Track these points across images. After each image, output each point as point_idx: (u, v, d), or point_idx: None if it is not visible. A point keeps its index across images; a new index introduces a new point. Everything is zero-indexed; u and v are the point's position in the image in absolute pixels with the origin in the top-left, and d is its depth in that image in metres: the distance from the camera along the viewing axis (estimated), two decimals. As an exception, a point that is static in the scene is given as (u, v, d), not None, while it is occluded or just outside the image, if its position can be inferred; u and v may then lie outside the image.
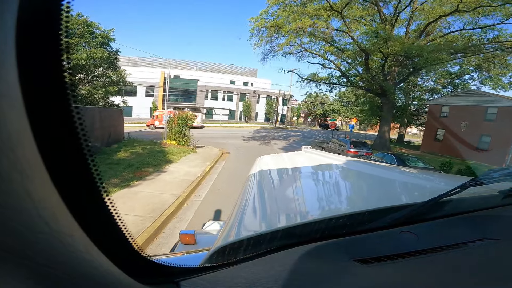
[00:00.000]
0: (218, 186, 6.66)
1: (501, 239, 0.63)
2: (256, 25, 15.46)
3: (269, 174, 1.34)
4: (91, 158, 0.28)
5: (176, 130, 12.17)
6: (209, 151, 11.79)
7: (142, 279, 0.39)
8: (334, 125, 21.83)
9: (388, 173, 1.35)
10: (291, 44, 16.70)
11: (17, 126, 0.22)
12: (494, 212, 0.77)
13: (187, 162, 8.80)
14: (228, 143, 16.19)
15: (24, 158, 0.22)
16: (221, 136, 20.05)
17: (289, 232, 0.64)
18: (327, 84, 19.67)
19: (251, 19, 15.51)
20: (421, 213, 0.69)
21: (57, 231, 0.25)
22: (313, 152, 1.84)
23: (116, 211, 0.33)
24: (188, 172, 7.44)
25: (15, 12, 0.22)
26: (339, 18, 14.80)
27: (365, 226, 0.66)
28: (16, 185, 0.21)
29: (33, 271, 0.24)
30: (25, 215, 0.23)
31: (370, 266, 0.53)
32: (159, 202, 4.96)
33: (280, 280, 0.47)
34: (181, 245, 1.42)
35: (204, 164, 8.61)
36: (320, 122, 46.85)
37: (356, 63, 17.48)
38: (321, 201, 0.96)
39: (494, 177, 0.76)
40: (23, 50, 0.22)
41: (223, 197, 5.74)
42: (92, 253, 0.30)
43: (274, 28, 15.12)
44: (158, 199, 5.11)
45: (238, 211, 0.87)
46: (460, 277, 0.49)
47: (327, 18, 14.55)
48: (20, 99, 0.22)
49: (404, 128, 29.98)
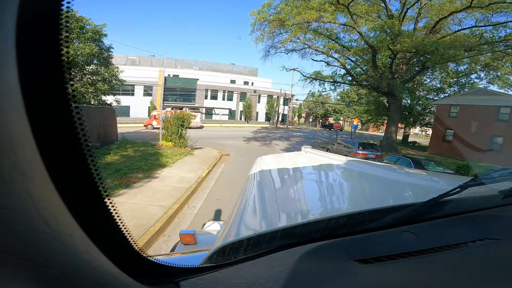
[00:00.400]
0: (216, 195, 5.88)
1: (502, 239, 0.63)
2: (258, 19, 14.66)
3: (269, 174, 1.32)
4: (91, 158, 0.28)
5: (172, 130, 11.40)
6: (207, 153, 11.02)
7: (142, 279, 0.39)
8: (339, 125, 20.99)
9: (388, 173, 1.33)
10: (294, 41, 15.92)
11: (17, 127, 0.22)
12: (494, 212, 0.77)
13: (182, 166, 8.03)
14: (227, 144, 15.45)
15: (24, 159, 0.22)
16: (221, 136, 19.33)
17: (289, 232, 0.63)
18: (330, 82, 18.85)
19: (252, 12, 14.71)
20: (421, 213, 0.68)
21: (58, 231, 0.25)
22: (313, 152, 1.81)
23: (116, 212, 0.33)
24: (182, 178, 6.67)
25: (15, 12, 0.22)
26: (345, 13, 14.04)
27: (365, 226, 0.66)
28: (16, 186, 0.22)
29: (33, 271, 0.25)
30: (25, 215, 0.23)
31: (370, 266, 0.53)
32: (145, 217, 4.19)
33: (280, 280, 0.47)
34: (181, 245, 1.40)
35: (201, 168, 7.84)
36: (321, 122, 46.07)
37: (362, 61, 16.72)
38: (321, 201, 0.96)
39: (495, 177, 0.76)
40: (23, 51, 0.22)
41: (221, 209, 4.98)
42: (93, 254, 0.30)
43: (276, 23, 14.33)
44: (144, 213, 4.34)
45: (238, 211, 0.87)
46: (460, 277, 0.49)
47: (332, 13, 13.76)
48: (20, 99, 0.22)
49: (408, 129, 29.18)
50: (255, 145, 16.09)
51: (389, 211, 0.68)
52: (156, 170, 7.10)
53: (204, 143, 13.71)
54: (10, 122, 0.21)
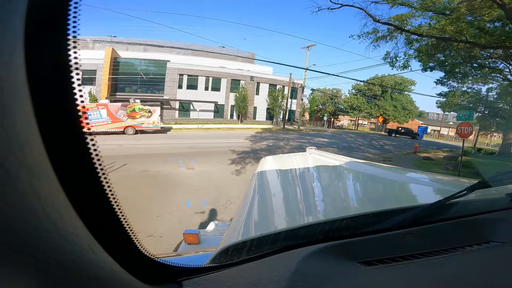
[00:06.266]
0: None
1: (507, 242, 0.62)
2: None
3: (273, 175, 1.32)
4: (97, 157, 0.28)
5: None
6: None
7: (145, 278, 0.39)
8: (468, 130, 8.43)
9: (393, 175, 1.31)
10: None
11: (25, 126, 0.22)
12: (500, 214, 0.76)
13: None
14: (183, 183, 5.50)
15: (31, 157, 0.23)
16: (186, 152, 9.51)
17: (293, 233, 0.64)
18: (428, 38, 8.89)
19: None
20: (427, 215, 0.68)
21: (63, 229, 0.26)
22: (318, 153, 1.76)
23: (120, 211, 0.34)
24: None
25: (23, 13, 0.22)
26: None
27: (369, 228, 0.66)
28: (23, 184, 0.22)
29: (38, 270, 0.25)
30: (31, 214, 0.23)
31: (374, 268, 0.53)
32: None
33: (283, 281, 0.47)
34: (184, 245, 1.39)
35: None
36: (332, 121, 36.39)
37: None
38: (325, 202, 0.96)
39: (501, 180, 0.76)
40: (31, 51, 0.22)
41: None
42: (97, 253, 0.31)
43: None
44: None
45: (243, 212, 0.88)
46: (465, 280, 0.49)
47: None
48: (28, 99, 0.22)
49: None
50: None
51: (394, 213, 0.68)
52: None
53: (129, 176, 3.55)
54: (18, 121, 0.21)
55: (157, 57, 22.42)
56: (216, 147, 11.10)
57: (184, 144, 11.50)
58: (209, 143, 12.19)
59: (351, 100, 37.01)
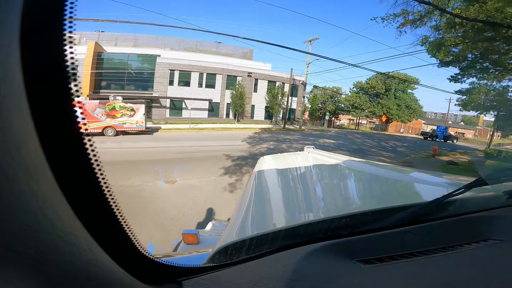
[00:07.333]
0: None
1: (505, 240, 0.63)
2: None
3: (271, 174, 1.30)
4: (95, 157, 0.28)
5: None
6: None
7: (144, 278, 0.39)
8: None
9: (392, 173, 1.30)
10: None
11: (22, 126, 0.22)
12: (498, 212, 0.76)
13: None
14: (155, 206, 3.70)
15: (29, 158, 0.22)
16: (171, 158, 7.81)
17: (292, 232, 0.64)
18: (474, 22, 7.11)
19: None
20: (425, 214, 0.68)
21: (61, 230, 0.26)
22: (316, 152, 1.73)
23: (119, 211, 0.34)
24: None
25: (19, 13, 0.22)
26: None
27: (368, 226, 0.66)
28: (21, 185, 0.22)
29: (38, 271, 0.25)
30: (29, 214, 0.23)
31: (373, 266, 0.53)
32: None
33: (283, 280, 0.47)
34: (183, 245, 1.39)
35: None
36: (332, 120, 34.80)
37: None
38: (324, 201, 0.96)
39: (499, 177, 0.76)
40: (27, 51, 0.22)
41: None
42: (96, 253, 0.30)
43: None
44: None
45: (241, 211, 0.87)
46: (463, 278, 0.49)
47: None
48: (25, 99, 0.22)
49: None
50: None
51: (393, 212, 0.68)
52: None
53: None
54: (15, 121, 0.21)
55: (146, 51, 20.58)
56: (208, 151, 9.40)
57: (171, 147, 9.78)
58: (201, 146, 10.48)
59: (353, 99, 35.44)
